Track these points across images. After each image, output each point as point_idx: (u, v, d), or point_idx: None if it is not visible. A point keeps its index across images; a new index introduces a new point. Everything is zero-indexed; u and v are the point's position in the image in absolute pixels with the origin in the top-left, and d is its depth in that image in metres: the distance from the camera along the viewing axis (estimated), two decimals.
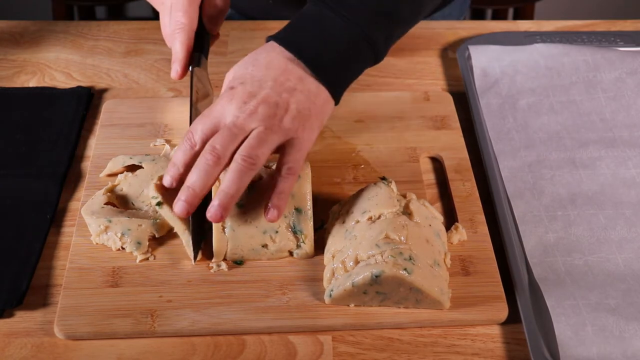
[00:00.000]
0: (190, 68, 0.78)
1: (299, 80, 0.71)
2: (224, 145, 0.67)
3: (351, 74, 0.76)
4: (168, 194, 0.72)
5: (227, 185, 0.66)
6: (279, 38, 0.74)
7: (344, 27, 0.73)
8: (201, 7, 0.81)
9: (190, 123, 0.75)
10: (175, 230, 0.72)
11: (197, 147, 0.68)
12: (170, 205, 0.70)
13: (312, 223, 0.71)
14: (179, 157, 0.69)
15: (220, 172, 0.67)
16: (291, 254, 0.72)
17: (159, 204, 0.71)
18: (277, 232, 0.70)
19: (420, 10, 0.81)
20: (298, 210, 0.71)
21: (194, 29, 0.78)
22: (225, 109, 0.69)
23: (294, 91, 0.70)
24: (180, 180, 0.68)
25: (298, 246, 0.71)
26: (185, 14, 0.77)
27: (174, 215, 0.70)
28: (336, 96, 0.74)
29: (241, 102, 0.69)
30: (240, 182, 0.66)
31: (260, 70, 0.71)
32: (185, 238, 0.71)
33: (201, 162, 0.67)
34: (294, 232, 0.71)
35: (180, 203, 0.66)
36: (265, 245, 0.70)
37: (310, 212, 0.71)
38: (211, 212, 0.66)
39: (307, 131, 0.71)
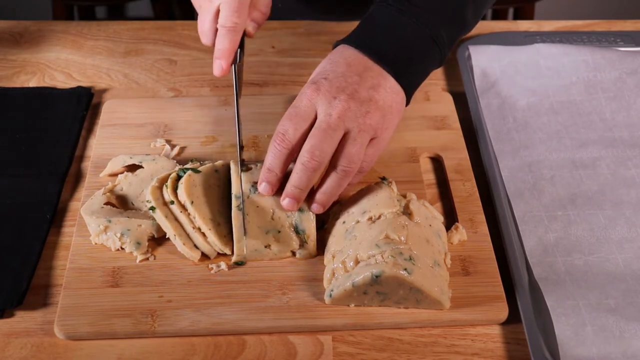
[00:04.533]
0: (233, 65, 0.78)
1: (382, 77, 0.72)
2: (323, 150, 0.68)
3: (423, 75, 0.77)
4: (163, 199, 0.72)
5: (329, 188, 0.70)
6: (351, 41, 0.74)
7: (414, 28, 0.74)
8: None
9: (237, 116, 0.75)
10: (167, 235, 0.72)
11: (292, 147, 0.69)
12: (163, 209, 0.71)
13: (314, 223, 0.71)
14: (274, 161, 0.69)
15: (323, 172, 0.70)
16: (294, 254, 0.72)
17: (152, 208, 0.71)
18: (279, 232, 0.70)
19: (480, 12, 0.83)
20: (301, 210, 0.71)
21: (243, 30, 0.78)
22: (313, 103, 0.69)
23: (378, 87, 0.71)
24: (279, 184, 0.70)
25: (301, 246, 0.71)
26: (240, 15, 0.76)
27: (166, 221, 0.70)
28: (409, 97, 0.75)
29: (330, 96, 0.69)
30: (341, 185, 0.70)
31: (341, 66, 0.72)
32: (177, 243, 0.71)
33: (301, 169, 0.68)
34: (297, 232, 0.71)
35: (288, 200, 0.69)
36: (268, 246, 0.70)
37: (312, 213, 0.71)
38: (314, 209, 0.71)
39: (388, 130, 0.72)
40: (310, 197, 0.71)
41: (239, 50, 0.78)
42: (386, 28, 0.75)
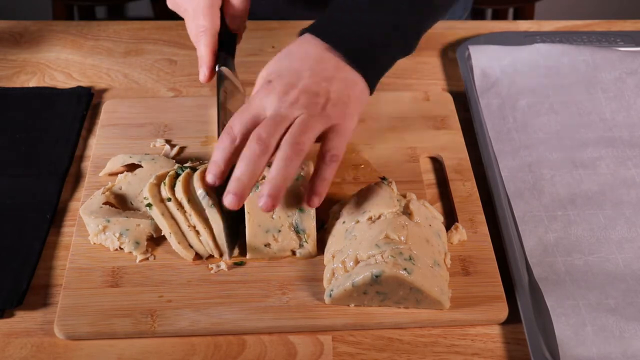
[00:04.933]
0: (217, 68, 0.78)
1: (336, 69, 0.72)
2: (270, 133, 0.66)
3: (385, 64, 0.77)
4: (160, 196, 0.72)
5: (275, 174, 0.65)
6: (314, 30, 0.74)
7: (378, 17, 0.74)
8: (222, 9, 0.81)
9: (219, 122, 0.75)
10: (163, 233, 0.72)
11: (238, 141, 0.68)
12: (159, 206, 0.71)
13: (314, 222, 0.71)
14: (219, 153, 0.68)
15: (267, 161, 0.67)
16: (294, 253, 0.72)
17: (148, 205, 0.71)
18: (279, 231, 0.70)
19: (449, 1, 0.82)
20: (301, 210, 0.71)
21: (217, 31, 0.78)
22: (264, 102, 0.69)
23: (332, 79, 0.71)
24: (222, 177, 0.68)
25: (301, 245, 0.71)
26: (206, 16, 0.77)
27: (162, 218, 0.70)
28: (371, 86, 0.74)
29: (281, 93, 0.69)
30: (288, 170, 0.65)
31: (295, 61, 0.72)
32: (172, 241, 0.71)
33: (247, 152, 0.66)
34: (297, 232, 0.71)
35: (230, 196, 0.65)
36: (267, 245, 0.70)
37: (313, 212, 0.71)
38: (262, 202, 0.65)
39: (348, 118, 0.71)
40: (309, 194, 0.69)
41: (224, 53, 0.78)
42: (348, 17, 0.75)
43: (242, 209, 0.70)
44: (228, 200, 0.65)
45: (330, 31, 0.74)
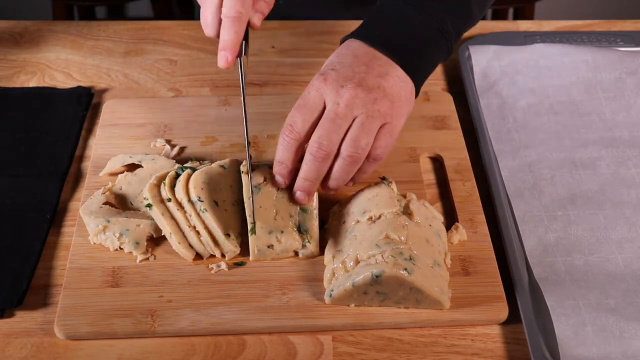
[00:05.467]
0: (238, 58, 0.77)
1: (389, 66, 0.72)
2: (331, 139, 0.68)
3: (430, 66, 0.78)
4: (160, 196, 0.72)
5: (337, 176, 0.70)
6: (359, 35, 0.75)
7: (422, 20, 0.75)
8: None
9: (245, 113, 0.74)
10: (163, 233, 0.72)
11: (302, 138, 0.69)
12: (159, 207, 0.71)
13: (317, 222, 0.71)
14: (285, 154, 0.70)
15: (330, 164, 0.70)
16: (296, 253, 0.72)
17: (148, 205, 0.71)
18: (282, 232, 0.70)
19: (485, 6, 0.83)
20: (304, 210, 0.71)
21: (247, 20, 0.77)
22: (321, 94, 0.70)
23: (386, 76, 0.72)
24: (291, 176, 0.71)
25: (303, 246, 0.71)
26: (244, 4, 0.75)
27: (162, 218, 0.70)
28: (417, 88, 0.75)
29: (337, 85, 0.70)
30: (349, 173, 0.70)
31: (348, 57, 0.73)
32: (172, 241, 0.71)
33: (310, 159, 0.69)
34: (300, 232, 0.71)
35: (299, 193, 0.70)
36: (270, 246, 0.70)
37: (316, 212, 0.71)
38: (331, 186, 0.71)
39: (399, 117, 0.72)
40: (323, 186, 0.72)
41: (243, 42, 0.77)
42: (392, 20, 0.75)
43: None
44: (299, 197, 0.70)
45: (376, 35, 0.74)
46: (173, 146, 0.83)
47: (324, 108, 0.70)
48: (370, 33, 0.75)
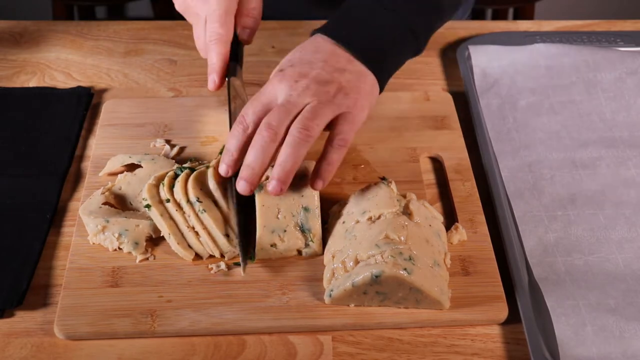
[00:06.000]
0: (227, 78, 0.77)
1: (348, 62, 0.73)
2: (279, 120, 0.68)
3: (395, 64, 0.78)
4: (159, 197, 0.72)
5: (284, 158, 0.67)
6: (325, 30, 0.76)
7: (389, 18, 0.75)
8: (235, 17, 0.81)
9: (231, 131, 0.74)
10: (162, 233, 0.72)
11: (250, 130, 0.69)
12: (158, 207, 0.71)
13: (320, 222, 0.71)
14: (232, 142, 0.69)
15: (277, 148, 0.68)
16: (299, 253, 0.72)
17: (147, 206, 0.71)
18: (285, 231, 0.70)
19: (458, 2, 0.84)
20: (306, 209, 0.71)
21: (230, 40, 0.78)
22: (276, 89, 0.70)
23: (344, 71, 0.72)
24: (236, 166, 0.70)
25: (306, 245, 0.71)
26: (223, 25, 0.76)
27: (161, 219, 0.70)
28: (381, 83, 0.75)
29: (292, 81, 0.70)
30: (297, 154, 0.67)
31: (308, 53, 0.73)
32: (171, 242, 0.71)
33: (257, 140, 0.67)
34: (302, 231, 0.71)
35: (242, 182, 0.68)
36: (273, 245, 0.70)
37: (318, 211, 0.71)
38: (271, 186, 0.67)
39: (358, 109, 0.72)
40: (313, 177, 0.70)
41: (233, 63, 0.78)
42: (360, 19, 0.76)
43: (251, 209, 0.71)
44: (240, 186, 0.68)
45: (341, 31, 0.75)
46: (173, 146, 0.83)
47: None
48: (336, 29, 0.75)
